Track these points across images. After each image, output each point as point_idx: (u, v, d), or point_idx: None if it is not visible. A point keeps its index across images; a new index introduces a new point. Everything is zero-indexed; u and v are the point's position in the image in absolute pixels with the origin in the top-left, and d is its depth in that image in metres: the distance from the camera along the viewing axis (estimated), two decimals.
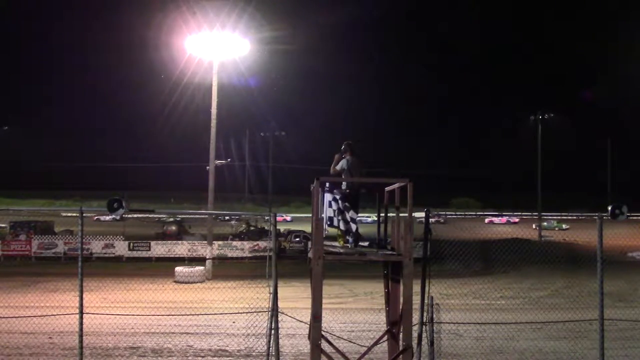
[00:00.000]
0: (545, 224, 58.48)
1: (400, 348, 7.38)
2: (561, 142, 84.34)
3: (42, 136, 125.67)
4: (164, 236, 42.25)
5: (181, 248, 34.69)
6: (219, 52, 28.87)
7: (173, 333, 13.14)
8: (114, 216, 8.79)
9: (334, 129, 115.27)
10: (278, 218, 9.71)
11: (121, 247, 34.47)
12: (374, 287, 19.09)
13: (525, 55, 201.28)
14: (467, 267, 22.68)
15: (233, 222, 57.18)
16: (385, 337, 8.39)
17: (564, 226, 59.17)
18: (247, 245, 35.97)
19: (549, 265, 25.20)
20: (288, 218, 66.29)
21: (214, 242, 31.31)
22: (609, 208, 8.63)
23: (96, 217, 66.38)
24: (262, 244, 34.72)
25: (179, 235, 41.75)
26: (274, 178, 62.14)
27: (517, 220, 62.58)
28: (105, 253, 33.73)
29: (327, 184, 8.22)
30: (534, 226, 51.85)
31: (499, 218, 59.98)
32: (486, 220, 64.90)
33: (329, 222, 8.24)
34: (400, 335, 7.42)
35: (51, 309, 13.83)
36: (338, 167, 8.62)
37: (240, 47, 29.86)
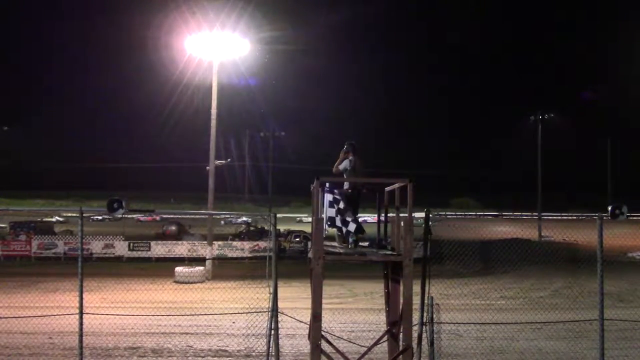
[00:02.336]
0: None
1: (400, 348, 7.39)
2: (561, 142, 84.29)
3: (42, 136, 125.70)
4: (163, 236, 42.29)
5: (181, 248, 34.67)
6: (219, 52, 28.85)
7: (173, 333, 13.14)
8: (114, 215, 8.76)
9: (334, 129, 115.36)
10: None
11: (121, 247, 34.46)
12: (374, 287, 19.09)
13: (525, 55, 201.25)
14: (467, 267, 22.68)
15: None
16: (385, 337, 8.39)
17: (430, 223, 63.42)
18: (247, 245, 35.97)
19: (549, 265, 25.17)
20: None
21: (214, 242, 31.30)
22: (609, 208, 8.62)
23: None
24: (262, 244, 34.70)
25: (179, 236, 41.78)
26: (274, 178, 62.09)
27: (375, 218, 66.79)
28: (105, 253, 33.70)
29: (327, 184, 8.23)
30: None
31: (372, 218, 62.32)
32: (361, 219, 67.10)
33: (329, 222, 8.25)
34: (400, 336, 7.43)
35: (51, 309, 13.83)
36: (341, 167, 8.62)
37: (240, 47, 29.82)
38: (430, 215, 8.59)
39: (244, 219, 50.50)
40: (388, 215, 8.51)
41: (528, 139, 59.07)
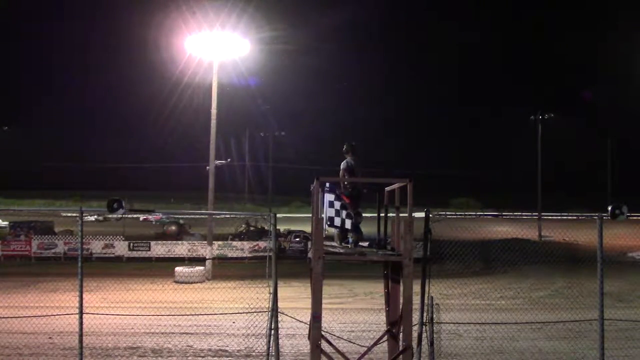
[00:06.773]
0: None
1: (400, 348, 7.39)
2: (561, 142, 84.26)
3: (42, 136, 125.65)
4: (164, 236, 42.28)
5: (181, 248, 34.66)
6: (219, 52, 28.84)
7: (173, 333, 13.14)
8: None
9: (334, 129, 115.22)
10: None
11: (121, 247, 34.44)
12: (374, 287, 19.09)
13: (525, 55, 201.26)
14: (467, 267, 22.70)
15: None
16: (385, 337, 8.39)
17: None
18: (247, 245, 35.94)
19: (549, 265, 25.19)
20: None
21: (214, 242, 31.29)
22: (609, 208, 8.61)
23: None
24: (262, 244, 34.66)
25: (179, 236, 41.78)
26: (274, 178, 62.16)
27: None
28: (105, 253, 33.70)
29: (327, 184, 8.23)
30: None
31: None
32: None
33: (329, 222, 8.25)
34: (400, 335, 7.43)
35: (51, 309, 13.85)
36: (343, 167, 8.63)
37: (240, 47, 29.81)
38: (430, 216, 8.59)
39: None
40: (388, 215, 8.51)
41: (528, 138, 59.05)
